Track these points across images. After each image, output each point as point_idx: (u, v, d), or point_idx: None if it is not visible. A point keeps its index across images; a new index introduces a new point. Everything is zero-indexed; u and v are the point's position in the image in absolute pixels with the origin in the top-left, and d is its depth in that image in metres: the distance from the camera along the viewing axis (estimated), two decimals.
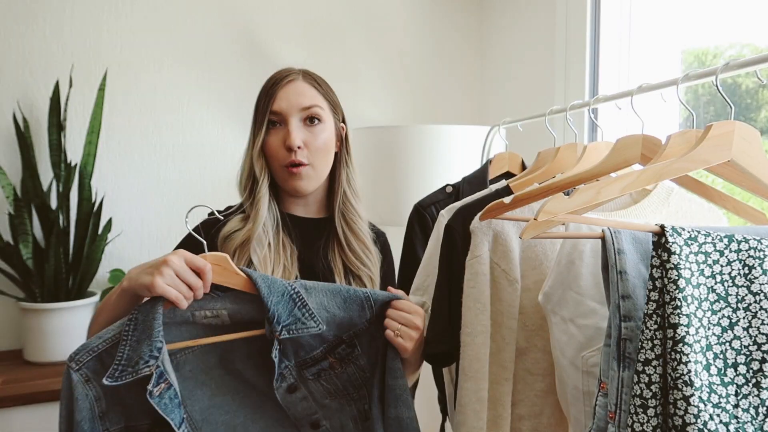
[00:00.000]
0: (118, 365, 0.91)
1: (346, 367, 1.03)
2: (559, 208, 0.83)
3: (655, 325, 0.74)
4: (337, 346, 1.03)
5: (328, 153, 1.23)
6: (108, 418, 0.94)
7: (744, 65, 0.87)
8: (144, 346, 0.92)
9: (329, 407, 1.04)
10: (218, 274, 0.98)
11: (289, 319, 0.97)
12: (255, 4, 2.21)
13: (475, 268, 1.04)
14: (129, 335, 0.93)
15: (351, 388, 1.04)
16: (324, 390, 1.03)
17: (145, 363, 0.90)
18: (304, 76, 1.23)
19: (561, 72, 1.99)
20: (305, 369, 1.02)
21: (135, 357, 0.91)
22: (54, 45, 1.97)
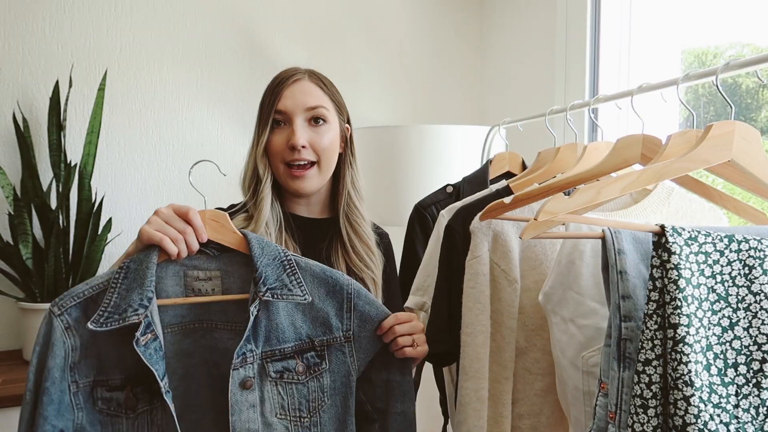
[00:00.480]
0: (104, 311, 0.89)
1: (309, 380, 0.98)
2: (559, 208, 0.83)
3: (655, 325, 0.74)
4: (307, 350, 0.98)
5: (332, 153, 1.22)
6: (78, 370, 0.91)
7: (744, 65, 0.87)
8: (134, 294, 0.90)
9: (274, 428, 0.96)
10: (215, 230, 0.97)
11: (275, 283, 0.95)
12: (255, 4, 2.21)
13: (475, 268, 1.04)
14: (118, 283, 0.91)
15: (305, 410, 0.98)
16: (277, 401, 0.97)
17: (134, 311, 0.88)
18: (310, 76, 1.23)
19: (561, 72, 1.99)
20: (271, 361, 0.96)
21: (123, 305, 0.89)
22: (54, 45, 1.97)
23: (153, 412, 0.93)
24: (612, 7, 1.85)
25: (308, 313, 0.98)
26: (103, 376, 0.92)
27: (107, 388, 0.92)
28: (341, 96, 1.28)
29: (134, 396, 0.92)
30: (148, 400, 0.92)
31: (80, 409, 0.91)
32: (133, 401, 0.92)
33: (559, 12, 1.99)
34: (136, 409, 0.92)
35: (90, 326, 0.87)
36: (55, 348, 0.89)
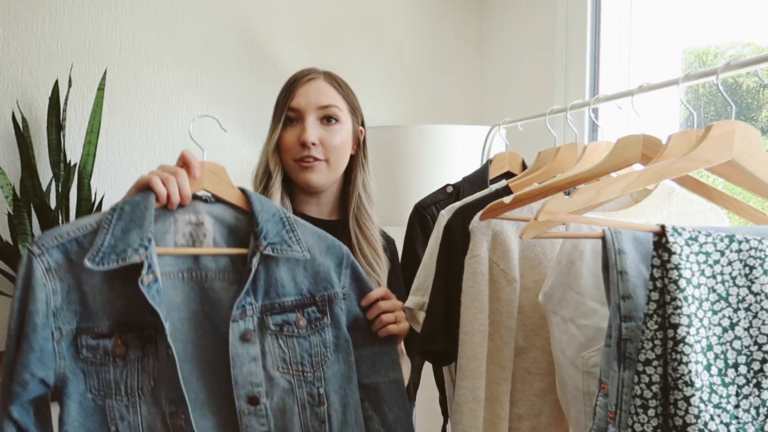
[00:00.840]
0: (99, 251, 0.84)
1: (310, 334, 0.96)
2: (560, 208, 0.83)
3: (655, 325, 0.74)
4: (308, 304, 0.97)
5: (343, 153, 1.23)
6: (60, 316, 0.86)
7: (745, 65, 0.87)
8: (133, 234, 0.86)
9: (276, 383, 0.94)
10: (213, 183, 0.95)
11: (276, 238, 0.93)
12: (255, 4, 2.20)
13: (474, 267, 1.04)
14: (112, 224, 0.87)
15: (307, 364, 0.96)
16: (279, 354, 0.95)
17: (134, 251, 0.85)
18: (325, 77, 1.25)
19: (561, 72, 1.98)
20: (270, 314, 0.95)
21: (121, 245, 0.85)
22: (53, 45, 1.97)
23: (144, 360, 0.88)
24: (612, 7, 1.85)
25: (309, 268, 0.97)
26: (88, 323, 0.87)
27: (93, 335, 0.87)
28: (356, 99, 1.29)
29: (123, 343, 0.88)
30: (140, 348, 0.88)
31: (63, 357, 0.86)
32: (123, 349, 0.88)
33: (559, 12, 1.99)
34: (126, 357, 0.88)
35: (87, 263, 0.83)
36: (36, 291, 0.84)
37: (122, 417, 0.88)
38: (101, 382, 0.88)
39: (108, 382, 0.88)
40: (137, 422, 0.89)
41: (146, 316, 0.87)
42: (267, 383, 0.93)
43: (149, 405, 0.89)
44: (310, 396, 0.95)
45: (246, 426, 0.92)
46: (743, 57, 0.87)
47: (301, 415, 0.95)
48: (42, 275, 0.85)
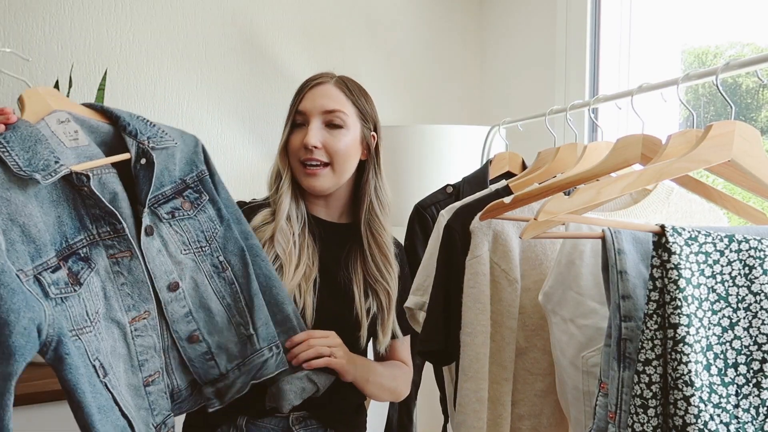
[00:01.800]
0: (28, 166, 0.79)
1: (197, 213, 1.04)
2: (559, 208, 0.83)
3: (655, 325, 0.74)
4: (183, 189, 1.03)
5: (347, 158, 1.24)
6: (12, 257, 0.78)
7: (744, 65, 0.87)
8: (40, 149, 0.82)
9: (184, 265, 1.01)
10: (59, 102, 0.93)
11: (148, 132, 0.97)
12: (255, 4, 2.20)
13: (475, 268, 1.04)
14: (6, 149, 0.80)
15: (203, 240, 1.04)
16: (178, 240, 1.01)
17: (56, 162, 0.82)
18: (336, 81, 1.26)
19: (561, 72, 1.99)
20: (158, 206, 0.99)
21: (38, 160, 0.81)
22: (54, 45, 1.97)
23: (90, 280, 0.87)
24: (612, 7, 1.85)
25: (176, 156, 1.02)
26: (41, 258, 0.82)
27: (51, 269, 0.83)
28: (370, 104, 1.29)
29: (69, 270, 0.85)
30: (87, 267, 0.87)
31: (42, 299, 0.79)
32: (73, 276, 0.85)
33: (559, 12, 1.99)
34: (81, 281, 0.86)
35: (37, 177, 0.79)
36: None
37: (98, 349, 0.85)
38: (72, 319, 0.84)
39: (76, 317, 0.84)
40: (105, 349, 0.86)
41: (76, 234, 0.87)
42: (177, 267, 1.00)
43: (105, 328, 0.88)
44: (213, 266, 1.04)
45: (171, 313, 0.99)
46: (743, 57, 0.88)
47: (212, 284, 1.04)
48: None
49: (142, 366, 0.94)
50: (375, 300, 1.23)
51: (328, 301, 1.20)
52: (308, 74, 1.30)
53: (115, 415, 0.86)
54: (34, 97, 0.93)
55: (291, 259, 1.18)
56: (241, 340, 1.05)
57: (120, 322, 0.91)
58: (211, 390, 1.03)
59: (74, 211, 0.89)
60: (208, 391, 1.03)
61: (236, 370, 1.04)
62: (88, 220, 0.90)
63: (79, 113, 0.96)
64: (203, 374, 1.03)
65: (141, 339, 0.94)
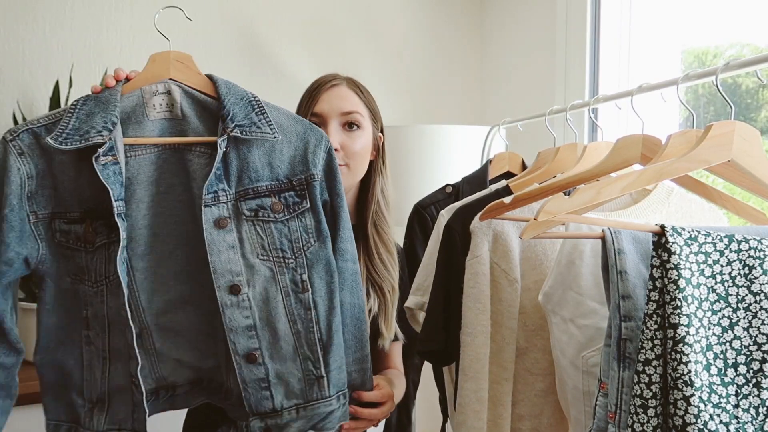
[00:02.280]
0: (63, 131, 0.85)
1: (289, 219, 0.93)
2: (559, 208, 0.83)
3: (655, 325, 0.74)
4: (285, 189, 0.94)
5: (363, 159, 1.25)
6: (35, 200, 0.88)
7: (744, 65, 0.87)
8: (97, 117, 0.86)
9: (257, 270, 0.91)
10: (180, 71, 0.94)
11: (244, 120, 0.91)
12: (255, 4, 2.20)
13: (475, 268, 1.04)
14: (77, 109, 0.88)
15: (288, 250, 0.92)
16: (257, 240, 0.91)
17: (97, 132, 0.85)
18: (348, 83, 1.27)
19: (561, 72, 1.99)
20: (244, 200, 0.91)
21: (85, 127, 0.85)
22: (54, 44, 1.97)
23: (110, 246, 0.88)
24: (612, 7, 1.85)
25: (286, 151, 0.94)
26: (61, 209, 0.89)
27: (65, 220, 0.89)
28: (377, 105, 1.30)
29: (93, 230, 0.88)
30: (107, 234, 0.88)
31: (42, 239, 0.89)
32: (92, 235, 0.88)
33: (559, 12, 1.99)
34: (95, 243, 0.88)
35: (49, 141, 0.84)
36: (11, 174, 0.87)
37: (90, 303, 0.90)
38: (75, 266, 0.89)
39: (81, 268, 0.89)
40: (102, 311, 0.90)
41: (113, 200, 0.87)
42: (247, 271, 0.90)
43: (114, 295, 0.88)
44: (293, 283, 0.92)
45: (230, 319, 0.89)
46: (742, 57, 0.88)
47: (285, 302, 0.92)
48: (15, 159, 0.87)
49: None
50: (378, 297, 1.23)
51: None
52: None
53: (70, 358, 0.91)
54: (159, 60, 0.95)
55: None
56: (308, 378, 0.93)
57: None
58: (260, 425, 0.92)
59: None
60: (256, 426, 0.91)
61: (293, 412, 0.93)
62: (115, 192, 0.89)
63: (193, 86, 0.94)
64: (255, 403, 0.91)
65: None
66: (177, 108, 0.93)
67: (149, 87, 0.93)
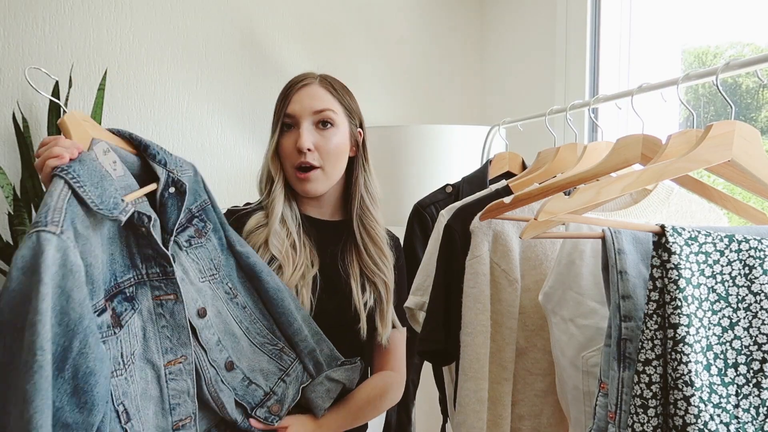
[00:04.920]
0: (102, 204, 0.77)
1: (205, 241, 1.03)
2: (559, 208, 0.83)
3: (655, 325, 0.74)
4: (192, 218, 1.02)
5: (339, 157, 1.24)
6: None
7: (744, 65, 0.87)
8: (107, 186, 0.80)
9: (204, 292, 1.00)
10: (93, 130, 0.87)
11: (173, 162, 0.96)
12: (255, 4, 2.20)
13: (475, 268, 1.04)
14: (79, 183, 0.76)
15: (214, 267, 1.04)
16: (195, 268, 1.00)
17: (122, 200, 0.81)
18: (320, 81, 1.26)
19: (561, 72, 1.98)
20: (179, 234, 0.99)
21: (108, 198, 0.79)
22: (54, 45, 1.97)
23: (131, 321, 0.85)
24: (612, 7, 1.85)
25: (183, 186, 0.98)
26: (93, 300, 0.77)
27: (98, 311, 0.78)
28: (354, 101, 1.30)
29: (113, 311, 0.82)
30: (131, 308, 0.85)
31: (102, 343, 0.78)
32: (115, 318, 0.82)
33: (559, 12, 1.99)
34: (122, 324, 0.83)
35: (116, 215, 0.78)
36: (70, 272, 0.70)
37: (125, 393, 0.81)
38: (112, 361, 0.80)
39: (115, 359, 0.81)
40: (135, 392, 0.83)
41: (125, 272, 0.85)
42: (199, 295, 0.99)
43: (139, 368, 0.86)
44: (226, 293, 1.05)
45: (206, 341, 0.98)
46: (743, 57, 0.88)
47: (229, 310, 1.04)
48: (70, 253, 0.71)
49: (173, 410, 0.91)
50: (373, 292, 1.23)
51: (326, 298, 1.20)
52: None
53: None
54: (74, 123, 0.85)
55: (288, 260, 1.18)
56: (274, 356, 1.07)
57: (155, 364, 0.88)
58: (264, 410, 1.03)
59: (126, 249, 0.87)
60: (262, 413, 1.02)
61: (281, 384, 1.06)
62: (139, 259, 0.88)
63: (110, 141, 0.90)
64: (251, 399, 1.02)
65: (174, 383, 0.91)
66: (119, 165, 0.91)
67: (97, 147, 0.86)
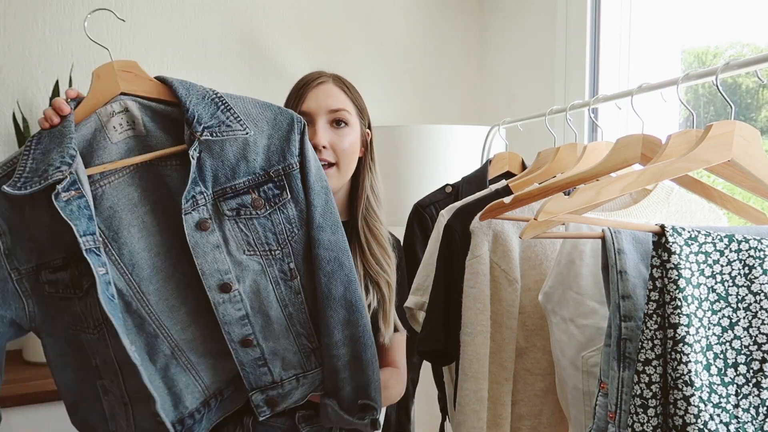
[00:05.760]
0: (20, 176, 0.80)
1: (272, 213, 0.92)
2: (559, 208, 0.83)
3: (655, 325, 0.74)
4: (263, 182, 0.92)
5: (352, 156, 1.25)
6: (15, 256, 0.84)
7: (744, 65, 0.87)
8: (54, 153, 0.80)
9: (246, 266, 0.91)
10: (129, 81, 0.89)
11: (211, 121, 0.87)
12: (255, 4, 2.21)
13: (475, 268, 1.04)
14: (32, 149, 0.82)
15: (274, 243, 0.92)
16: (242, 238, 0.91)
17: (56, 168, 0.79)
18: (334, 80, 1.26)
19: (561, 72, 1.99)
20: (224, 200, 0.90)
21: (42, 166, 0.80)
22: (54, 45, 1.97)
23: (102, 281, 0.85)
24: (612, 7, 1.85)
25: (260, 142, 0.92)
26: (44, 259, 0.85)
27: (51, 269, 0.85)
28: (363, 102, 1.30)
29: (79, 273, 0.84)
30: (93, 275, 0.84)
31: (28, 296, 0.85)
32: (78, 279, 0.84)
33: (559, 12, 1.99)
34: (83, 286, 0.85)
35: (6, 189, 0.78)
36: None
37: (97, 351, 0.86)
38: (71, 316, 0.86)
39: (77, 316, 0.86)
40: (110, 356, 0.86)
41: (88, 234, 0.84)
42: (236, 268, 0.91)
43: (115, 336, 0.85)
44: (282, 272, 0.94)
45: (223, 314, 0.91)
46: (742, 57, 0.88)
47: (276, 291, 0.94)
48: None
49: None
50: (377, 293, 1.23)
51: None
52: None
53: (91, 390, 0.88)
54: (104, 76, 0.88)
55: None
56: (303, 351, 0.99)
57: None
58: (261, 397, 0.98)
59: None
60: (258, 398, 0.98)
61: (294, 381, 1.00)
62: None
63: (146, 97, 0.89)
64: (254, 380, 0.97)
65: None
66: (139, 124, 0.89)
67: (104, 109, 0.88)
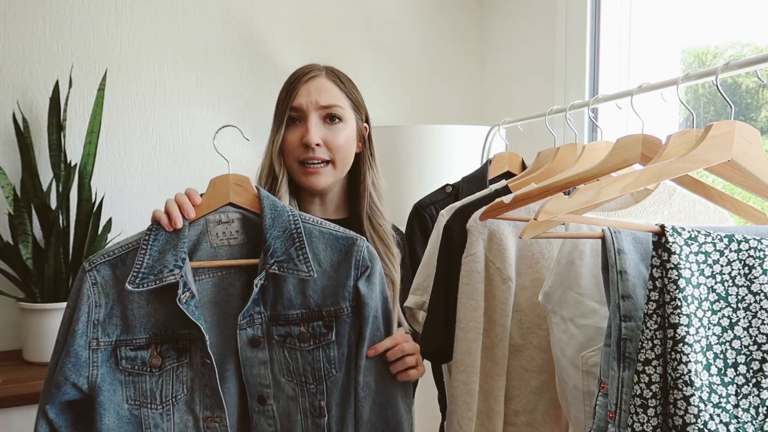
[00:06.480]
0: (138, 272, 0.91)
1: (314, 349, 0.97)
2: (559, 208, 0.83)
3: (655, 325, 0.74)
4: (314, 319, 0.97)
5: (347, 152, 1.21)
6: (102, 327, 0.93)
7: (744, 65, 0.87)
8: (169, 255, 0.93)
9: (283, 388, 0.97)
10: (238, 194, 1.00)
11: (282, 256, 0.95)
12: (255, 4, 2.21)
13: (470, 265, 1.05)
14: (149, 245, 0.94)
15: (310, 377, 0.96)
16: (284, 362, 0.97)
17: (170, 271, 0.91)
18: (327, 73, 1.22)
19: (561, 72, 1.99)
20: (275, 325, 0.97)
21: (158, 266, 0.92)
22: (54, 45, 1.97)
23: (179, 369, 0.95)
24: (612, 7, 1.85)
25: (320, 282, 0.98)
26: (127, 336, 0.94)
27: (131, 347, 0.94)
28: (360, 94, 1.26)
29: (159, 354, 0.94)
30: (176, 357, 0.95)
31: (96, 366, 0.93)
32: (158, 359, 0.94)
33: (559, 12, 1.99)
34: (162, 366, 0.94)
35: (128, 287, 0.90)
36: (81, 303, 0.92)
37: (156, 425, 0.94)
38: (138, 391, 0.94)
39: (144, 392, 0.94)
40: (170, 428, 0.95)
41: (181, 328, 0.95)
42: (275, 387, 0.98)
43: (182, 412, 0.95)
44: (312, 407, 0.97)
45: (256, 423, 0.97)
46: (742, 57, 0.88)
47: (303, 423, 0.98)
48: (88, 288, 0.93)
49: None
50: None
51: None
52: None
53: None
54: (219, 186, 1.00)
55: None
56: None
57: (196, 415, 0.96)
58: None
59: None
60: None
61: None
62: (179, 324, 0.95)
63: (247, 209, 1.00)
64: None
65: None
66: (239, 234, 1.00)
67: (213, 216, 0.99)
